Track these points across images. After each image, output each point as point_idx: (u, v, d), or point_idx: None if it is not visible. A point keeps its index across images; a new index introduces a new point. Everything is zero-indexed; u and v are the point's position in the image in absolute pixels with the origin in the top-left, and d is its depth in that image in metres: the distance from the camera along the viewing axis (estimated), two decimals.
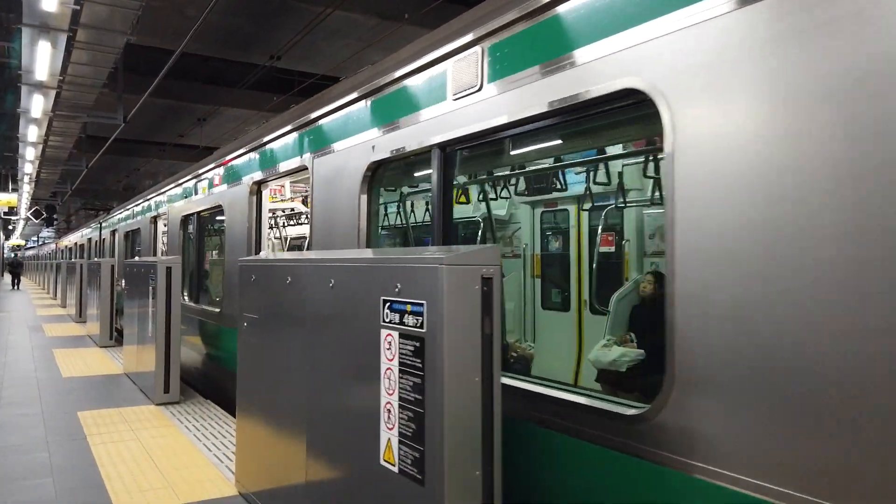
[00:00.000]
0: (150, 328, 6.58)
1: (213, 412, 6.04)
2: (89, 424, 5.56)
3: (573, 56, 2.39)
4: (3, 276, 35.26)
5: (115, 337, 10.88)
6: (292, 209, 7.57)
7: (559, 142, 3.83)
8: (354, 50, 13.38)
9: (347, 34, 12.15)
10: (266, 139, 5.50)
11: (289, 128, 4.96)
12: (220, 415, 5.94)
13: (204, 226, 7.76)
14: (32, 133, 10.80)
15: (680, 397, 1.97)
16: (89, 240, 19.51)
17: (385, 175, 3.96)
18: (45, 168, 16.73)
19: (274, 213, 10.29)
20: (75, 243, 24.46)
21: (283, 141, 5.16)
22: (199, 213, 7.58)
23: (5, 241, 43.13)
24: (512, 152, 4.16)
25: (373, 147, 3.75)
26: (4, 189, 18.92)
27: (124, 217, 12.88)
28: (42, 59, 6.93)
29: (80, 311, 14.91)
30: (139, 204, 11.21)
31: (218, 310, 6.60)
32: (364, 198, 3.88)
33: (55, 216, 29.34)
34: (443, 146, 3.18)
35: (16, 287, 34.27)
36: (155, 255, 10.24)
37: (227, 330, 6.35)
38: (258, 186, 5.82)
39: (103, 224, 16.21)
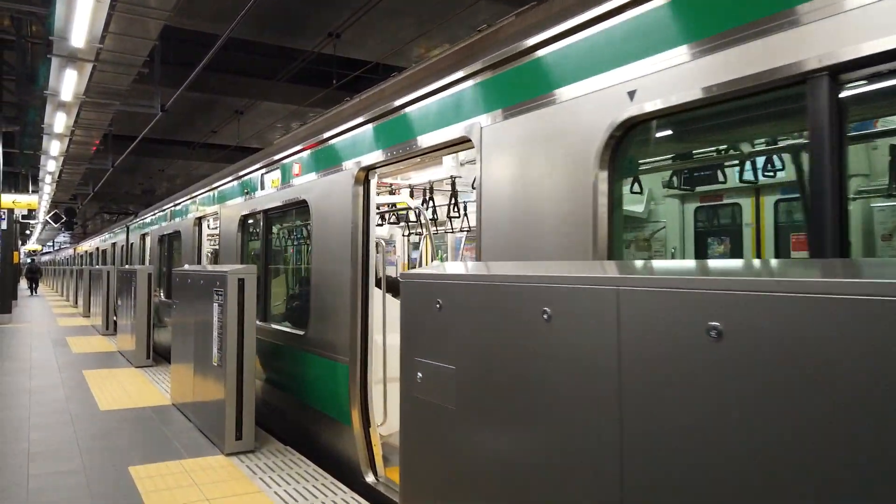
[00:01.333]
0: (215, 354, 5.22)
1: (304, 467, 4.65)
2: (148, 489, 4.19)
3: None
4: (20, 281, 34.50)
5: (153, 356, 9.57)
6: (397, 204, 6.19)
7: None
8: (411, 35, 12.10)
9: (409, 14, 10.80)
10: (383, 108, 4.12)
11: (433, 87, 3.57)
12: (315, 473, 4.54)
13: (272, 227, 6.39)
14: (59, 122, 9.50)
15: None
16: (113, 244, 18.28)
17: (651, 138, 2.54)
18: (68, 166, 15.50)
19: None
20: (97, 248, 23.28)
21: (417, 106, 3.77)
22: (266, 211, 6.21)
23: (22, 247, 42.29)
24: None
25: (630, 93, 2.34)
26: (25, 190, 17.75)
27: (158, 219, 11.57)
28: (81, 18, 5.59)
29: (108, 323, 13.67)
30: (179, 204, 9.89)
31: (302, 332, 5.22)
32: (604, 177, 2.47)
33: (75, 220, 28.23)
34: (837, 71, 1.77)
35: (33, 293, 33.48)
36: (199, 261, 8.91)
37: (315, 358, 4.97)
38: (366, 174, 4.43)
39: (131, 227, 14.94)
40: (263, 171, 6.23)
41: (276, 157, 5.87)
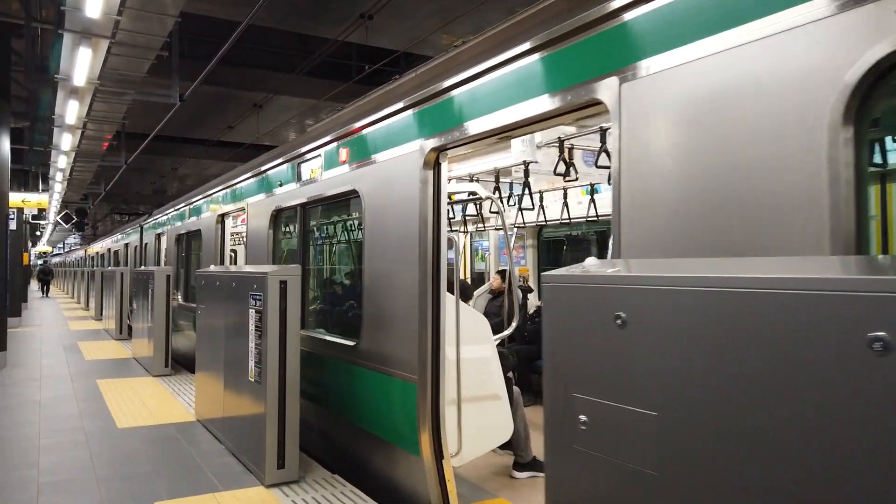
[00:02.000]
0: (252, 368, 4.52)
1: (359, 503, 3.94)
2: None
3: None
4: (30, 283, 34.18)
5: (172, 363, 8.89)
6: (473, 193, 5.30)
7: None
8: (441, 21, 11.43)
9: None
10: (458, 76, 3.40)
11: (537, 41, 2.85)
12: None
13: (311, 222, 5.69)
14: (72, 111, 8.81)
15: None
16: (126, 245, 17.66)
17: None
18: (80, 163, 14.86)
19: None
20: (108, 249, 22.70)
21: (511, 68, 3.05)
22: (304, 204, 5.51)
23: (32, 248, 41.92)
24: None
25: None
26: (35, 189, 17.16)
27: (175, 217, 10.91)
28: None
29: (121, 328, 13.04)
30: (199, 200, 9.22)
31: (352, 342, 4.51)
32: (847, 138, 1.74)
33: (86, 220, 27.68)
34: None
35: (45, 294, 33.13)
36: (222, 262, 8.23)
37: (369, 374, 4.26)
38: (437, 156, 3.72)
39: (145, 226, 14.30)
40: (300, 159, 5.52)
41: (318, 143, 5.16)
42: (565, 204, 5.96)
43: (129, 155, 16.49)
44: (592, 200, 5.83)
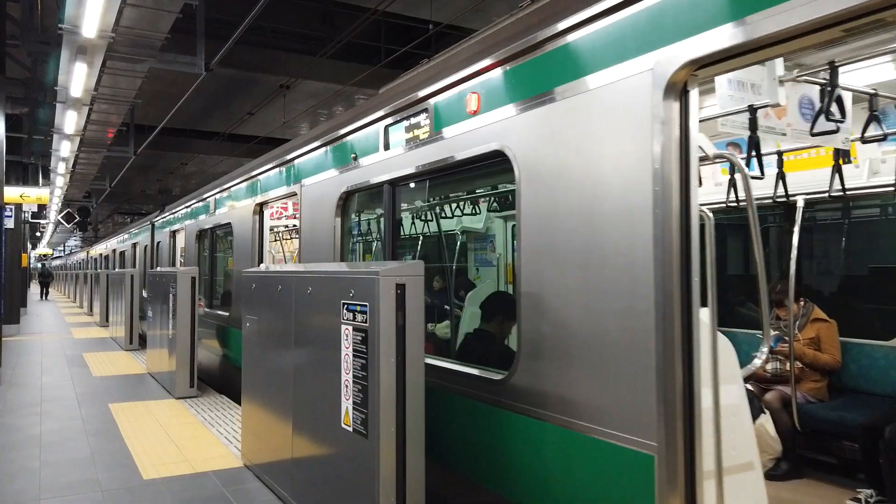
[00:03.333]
0: (348, 411, 3.10)
1: None
2: None
3: None
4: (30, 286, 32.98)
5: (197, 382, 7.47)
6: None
7: None
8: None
9: None
10: None
11: None
12: None
13: (408, 204, 4.24)
14: (77, 79, 7.19)
15: None
16: (134, 245, 16.20)
17: None
18: (84, 153, 13.40)
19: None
20: (113, 251, 21.23)
21: None
22: (395, 181, 4.04)
23: (32, 251, 40.57)
24: None
25: None
26: (34, 184, 15.73)
27: (195, 211, 9.47)
28: None
29: (131, 337, 11.63)
30: (228, 188, 7.79)
31: (499, 377, 3.07)
32: None
33: (88, 220, 26.23)
34: None
35: (44, 297, 32.54)
36: (261, 260, 6.79)
37: (530, 424, 2.82)
38: (687, 76, 2.27)
39: (157, 223, 12.86)
40: (390, 120, 4.08)
41: (424, 93, 3.72)
42: (732, 185, 4.47)
43: (136, 148, 15.08)
44: (782, 176, 4.37)
